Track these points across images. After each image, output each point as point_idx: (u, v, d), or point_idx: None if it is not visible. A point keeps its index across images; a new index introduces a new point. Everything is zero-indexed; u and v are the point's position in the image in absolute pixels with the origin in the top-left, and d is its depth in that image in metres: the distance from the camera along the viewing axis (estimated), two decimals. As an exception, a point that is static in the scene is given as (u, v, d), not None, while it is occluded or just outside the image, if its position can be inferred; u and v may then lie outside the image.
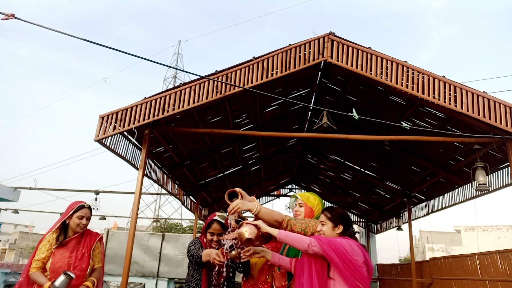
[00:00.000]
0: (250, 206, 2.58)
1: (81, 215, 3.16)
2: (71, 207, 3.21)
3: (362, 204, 12.09)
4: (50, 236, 3.15)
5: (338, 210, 2.62)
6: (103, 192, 13.73)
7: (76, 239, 3.18)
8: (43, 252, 3.06)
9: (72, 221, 3.17)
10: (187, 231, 25.71)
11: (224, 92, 4.92)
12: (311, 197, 2.96)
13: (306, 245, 2.33)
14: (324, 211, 2.60)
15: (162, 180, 7.53)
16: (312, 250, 2.32)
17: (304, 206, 2.90)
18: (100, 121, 4.87)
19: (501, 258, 7.10)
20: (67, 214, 3.18)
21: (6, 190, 8.81)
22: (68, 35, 3.27)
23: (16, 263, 32.71)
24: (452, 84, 4.80)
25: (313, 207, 2.89)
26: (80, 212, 3.16)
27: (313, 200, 2.93)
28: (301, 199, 2.92)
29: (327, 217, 2.54)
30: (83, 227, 3.20)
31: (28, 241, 43.61)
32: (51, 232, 3.17)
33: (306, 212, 2.88)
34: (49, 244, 3.11)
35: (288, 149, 9.83)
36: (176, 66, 42.14)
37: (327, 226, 2.52)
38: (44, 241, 3.13)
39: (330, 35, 5.06)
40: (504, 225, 25.80)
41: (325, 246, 2.31)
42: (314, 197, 2.97)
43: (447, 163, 7.06)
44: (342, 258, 2.28)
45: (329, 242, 2.34)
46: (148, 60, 3.84)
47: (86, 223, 3.21)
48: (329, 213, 2.56)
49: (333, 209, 2.61)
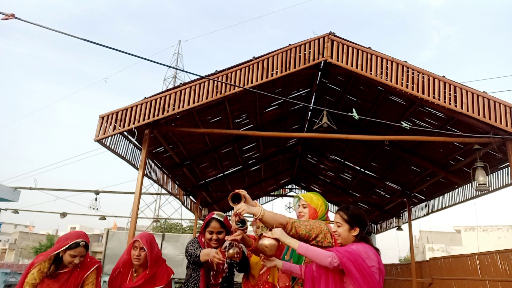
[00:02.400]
0: (254, 210, 2.58)
1: (74, 254, 2.91)
2: (66, 240, 2.96)
3: (362, 204, 12.09)
4: (42, 264, 2.94)
5: (354, 210, 2.50)
6: (103, 192, 13.73)
7: (68, 273, 2.98)
8: (33, 279, 2.87)
9: (65, 257, 2.94)
10: (187, 231, 25.72)
11: (224, 92, 4.92)
12: (315, 198, 2.92)
13: (327, 262, 2.30)
14: (340, 211, 2.49)
15: (162, 180, 7.53)
16: (333, 266, 2.30)
17: (308, 207, 2.86)
18: (100, 121, 4.87)
19: (501, 258, 7.10)
20: (60, 247, 2.94)
21: (6, 190, 8.80)
22: (69, 35, 3.27)
23: (16, 263, 32.73)
24: (452, 84, 4.80)
25: (317, 208, 2.86)
26: (73, 251, 2.91)
27: (317, 201, 2.90)
28: (305, 200, 2.88)
29: (344, 218, 2.44)
30: (75, 266, 2.96)
31: (28, 241, 43.62)
32: (43, 261, 2.95)
33: (310, 213, 2.85)
34: (39, 272, 2.91)
35: (288, 149, 9.83)
36: (176, 66, 42.16)
37: (343, 228, 2.42)
38: (35, 268, 2.92)
39: (330, 35, 5.06)
40: (504, 225, 25.81)
41: (344, 259, 2.27)
42: (317, 198, 2.94)
43: (447, 163, 7.06)
44: (359, 269, 2.26)
45: (349, 255, 2.29)
46: (148, 60, 3.84)
47: (78, 261, 2.96)
48: (345, 214, 2.45)
49: (349, 209, 2.49)
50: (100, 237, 40.59)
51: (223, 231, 2.99)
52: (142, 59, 3.70)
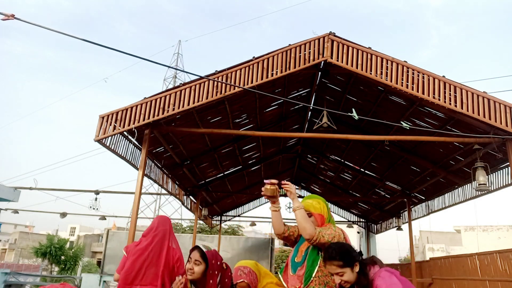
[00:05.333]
0: (296, 200, 2.76)
1: None
2: None
3: (362, 204, 12.09)
4: None
5: (339, 250, 2.37)
6: (103, 192, 13.72)
7: None
8: None
9: None
10: (187, 231, 25.72)
11: (224, 92, 4.92)
12: (315, 203, 2.84)
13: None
14: (331, 261, 2.34)
15: (162, 180, 7.53)
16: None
17: (312, 215, 2.78)
18: (100, 121, 4.87)
19: (501, 258, 7.10)
20: None
21: (6, 190, 8.80)
22: (69, 35, 3.26)
23: (16, 263, 32.70)
24: (452, 84, 4.80)
25: (322, 213, 2.80)
26: None
27: (318, 205, 2.83)
28: (307, 209, 2.78)
29: (341, 265, 2.32)
30: None
31: (28, 241, 43.56)
32: None
33: (318, 220, 2.78)
34: None
35: (288, 149, 9.83)
36: (176, 66, 42.16)
37: (347, 274, 2.32)
38: None
39: (330, 35, 5.05)
40: (504, 225, 25.82)
41: None
42: (317, 201, 2.86)
43: (447, 163, 7.05)
44: None
45: None
46: (148, 60, 3.84)
47: None
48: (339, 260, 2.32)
49: (336, 254, 2.34)
50: (100, 237, 40.60)
51: (201, 264, 2.66)
52: (142, 59, 3.70)
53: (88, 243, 40.40)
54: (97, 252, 38.20)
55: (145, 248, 3.15)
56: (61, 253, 27.25)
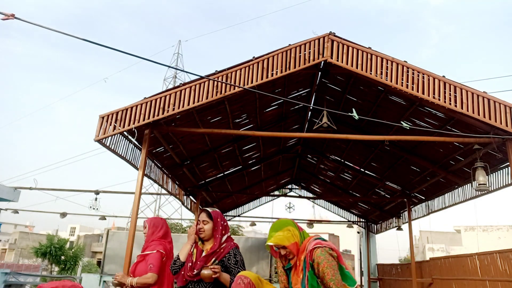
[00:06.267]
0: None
1: None
2: None
3: (362, 204, 12.09)
4: None
5: None
6: (103, 192, 13.71)
7: None
8: None
9: None
10: (187, 231, 25.71)
11: (224, 92, 4.92)
12: (285, 233, 2.56)
13: None
14: None
15: (162, 180, 7.53)
16: None
17: (286, 247, 2.55)
18: (100, 121, 4.87)
19: (501, 258, 7.09)
20: None
21: (6, 190, 8.81)
22: (69, 35, 3.26)
23: (16, 263, 32.72)
24: (452, 84, 4.80)
25: (295, 240, 2.56)
26: None
27: (289, 233, 2.56)
28: (280, 245, 2.55)
29: None
30: None
31: (28, 241, 43.57)
32: None
33: (294, 249, 2.55)
34: None
35: (288, 149, 9.83)
36: (176, 66, 42.16)
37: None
38: None
39: (330, 35, 5.06)
40: (504, 225, 25.85)
41: None
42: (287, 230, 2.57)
43: (447, 163, 7.06)
44: None
45: None
46: (148, 60, 3.83)
47: None
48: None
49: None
50: (100, 237, 40.62)
51: (208, 222, 3.09)
52: (142, 59, 3.70)
53: (88, 243, 40.44)
54: (97, 252, 38.20)
55: (171, 246, 3.76)
56: (61, 253, 27.28)
